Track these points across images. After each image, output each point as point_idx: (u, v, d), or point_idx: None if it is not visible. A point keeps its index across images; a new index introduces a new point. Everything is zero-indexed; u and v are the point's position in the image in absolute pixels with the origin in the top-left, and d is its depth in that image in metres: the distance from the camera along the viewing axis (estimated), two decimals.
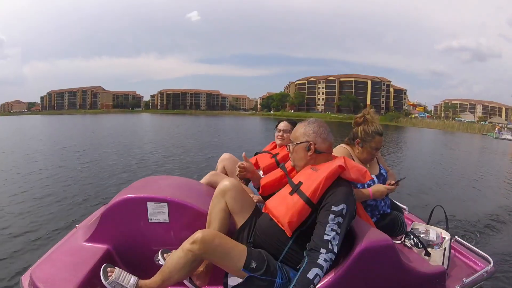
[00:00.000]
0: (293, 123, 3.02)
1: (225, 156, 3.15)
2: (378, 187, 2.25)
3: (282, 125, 3.04)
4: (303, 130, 1.92)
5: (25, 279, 1.85)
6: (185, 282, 1.83)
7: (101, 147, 13.63)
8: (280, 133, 3.02)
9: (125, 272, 1.76)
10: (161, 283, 1.74)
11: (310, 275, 1.53)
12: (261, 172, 2.93)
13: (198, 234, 1.67)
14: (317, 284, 1.54)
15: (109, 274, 1.72)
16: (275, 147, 3.10)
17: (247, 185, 2.95)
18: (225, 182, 1.99)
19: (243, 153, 2.15)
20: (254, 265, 1.69)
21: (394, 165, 10.72)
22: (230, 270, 1.75)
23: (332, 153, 2.00)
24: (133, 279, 1.73)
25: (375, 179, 2.41)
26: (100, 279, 1.71)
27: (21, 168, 8.66)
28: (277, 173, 2.10)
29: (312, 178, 1.78)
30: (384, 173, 2.53)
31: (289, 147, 1.97)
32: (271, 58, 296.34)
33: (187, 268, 1.71)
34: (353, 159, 2.42)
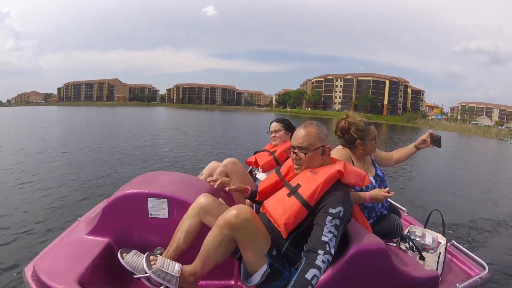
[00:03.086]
0: (281, 121, 3.13)
1: (229, 160, 2.93)
2: (376, 194, 2.23)
3: (273, 126, 3.13)
4: (318, 135, 1.91)
5: (28, 270, 1.89)
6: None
7: (110, 140, 13.64)
8: (273, 134, 3.11)
9: (169, 260, 1.78)
10: (202, 266, 1.75)
11: (308, 275, 1.54)
12: (260, 170, 3.00)
13: (233, 210, 1.69)
14: (315, 285, 1.55)
15: (152, 263, 1.73)
16: (273, 145, 3.15)
17: (255, 180, 3.02)
18: (201, 199, 1.97)
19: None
20: (274, 252, 1.73)
21: (403, 167, 10.62)
22: (253, 253, 1.72)
23: (331, 155, 2.03)
24: (177, 265, 1.75)
25: (374, 182, 2.43)
26: (101, 271, 1.76)
27: (28, 159, 8.71)
28: (273, 178, 2.09)
29: (310, 182, 1.79)
30: (380, 174, 2.55)
31: (300, 154, 1.92)
32: (287, 55, 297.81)
33: (223, 246, 1.71)
34: (353, 161, 2.44)
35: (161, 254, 1.89)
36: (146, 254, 1.78)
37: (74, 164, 8.14)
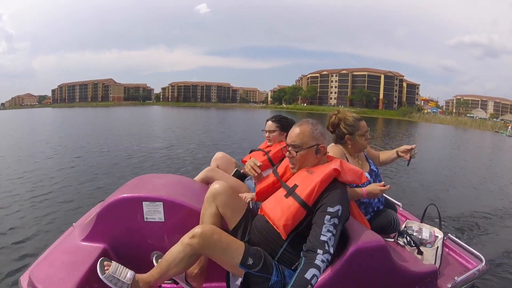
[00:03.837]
0: (277, 120, 3.05)
1: (218, 155, 3.18)
2: (373, 189, 2.24)
3: (268, 126, 3.05)
4: (311, 134, 1.91)
5: (23, 280, 1.88)
6: (182, 284, 1.87)
7: (103, 141, 13.58)
8: (267, 134, 3.05)
9: (122, 266, 1.78)
10: (159, 277, 1.76)
11: (308, 275, 1.54)
12: None
13: (197, 229, 1.70)
14: (314, 284, 1.55)
15: (106, 268, 1.74)
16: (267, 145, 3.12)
17: (243, 181, 2.99)
18: (215, 186, 2.00)
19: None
20: (250, 261, 1.71)
21: (398, 162, 10.62)
22: (227, 266, 1.75)
23: (328, 153, 2.03)
24: (129, 273, 1.76)
25: (369, 178, 2.43)
26: (98, 277, 1.75)
27: (19, 164, 8.64)
28: (270, 178, 2.09)
29: (307, 181, 1.79)
30: (375, 169, 2.56)
31: (292, 152, 1.93)
32: (281, 51, 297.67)
33: (185, 262, 1.73)
34: (347, 157, 2.45)
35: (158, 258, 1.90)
36: (101, 259, 1.79)
37: (66, 168, 8.06)
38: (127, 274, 1.75)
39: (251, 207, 2.22)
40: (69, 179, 6.85)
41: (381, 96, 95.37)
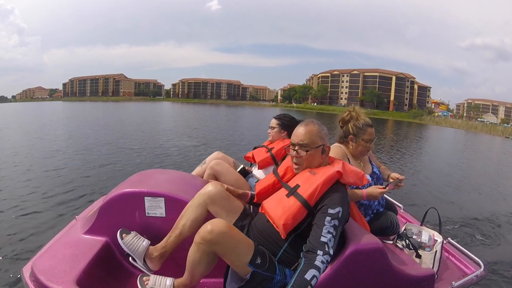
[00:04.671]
0: (280, 118, 3.06)
1: (217, 155, 3.17)
2: (373, 191, 2.26)
3: (271, 122, 3.08)
4: (319, 133, 1.92)
5: (26, 271, 1.91)
6: (138, 263, 1.86)
7: (108, 135, 13.63)
8: (269, 130, 3.08)
9: (160, 277, 1.83)
10: (191, 279, 1.78)
11: (308, 276, 1.55)
12: (256, 167, 2.99)
13: (208, 226, 1.67)
14: (314, 285, 1.56)
15: (146, 283, 1.80)
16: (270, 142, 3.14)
17: (245, 177, 3.01)
18: (209, 188, 1.99)
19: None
20: (259, 261, 1.69)
21: (405, 163, 10.58)
22: (235, 264, 1.72)
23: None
24: (169, 281, 1.80)
25: (370, 180, 2.44)
26: (99, 270, 1.79)
27: (24, 155, 8.70)
28: (271, 179, 2.08)
29: (309, 182, 1.80)
30: (377, 171, 2.57)
31: (301, 152, 1.91)
32: (291, 49, 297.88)
33: (204, 261, 1.72)
34: (348, 158, 2.45)
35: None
36: (139, 276, 1.83)
37: (70, 161, 8.08)
38: (167, 282, 1.81)
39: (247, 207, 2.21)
40: (72, 172, 6.88)
41: (392, 98, 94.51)
